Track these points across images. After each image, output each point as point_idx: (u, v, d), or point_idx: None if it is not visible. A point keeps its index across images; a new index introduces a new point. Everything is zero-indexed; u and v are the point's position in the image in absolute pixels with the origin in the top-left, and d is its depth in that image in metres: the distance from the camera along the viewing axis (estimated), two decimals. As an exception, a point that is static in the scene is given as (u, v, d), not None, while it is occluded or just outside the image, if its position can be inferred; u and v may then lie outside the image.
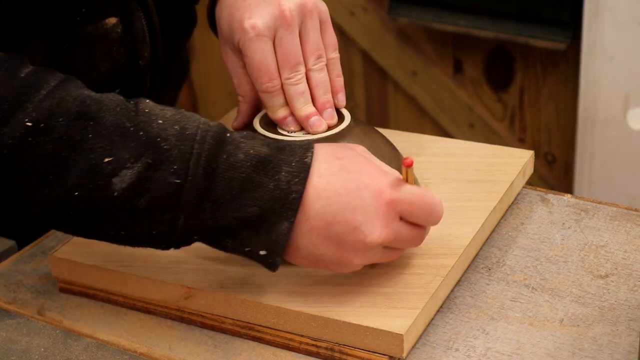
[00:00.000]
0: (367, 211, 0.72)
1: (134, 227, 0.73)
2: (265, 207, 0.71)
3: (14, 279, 0.88)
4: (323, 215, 0.72)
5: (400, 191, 0.73)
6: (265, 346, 0.78)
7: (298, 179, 0.71)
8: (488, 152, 0.96)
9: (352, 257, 0.74)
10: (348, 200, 0.72)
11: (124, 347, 0.79)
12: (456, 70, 1.98)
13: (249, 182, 0.71)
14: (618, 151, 1.73)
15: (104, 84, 0.91)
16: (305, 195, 0.71)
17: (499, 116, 1.98)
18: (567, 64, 1.83)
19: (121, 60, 0.93)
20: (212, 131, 0.72)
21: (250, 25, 0.83)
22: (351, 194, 0.72)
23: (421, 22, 1.92)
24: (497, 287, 0.83)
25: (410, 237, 0.75)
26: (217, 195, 0.71)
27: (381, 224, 0.72)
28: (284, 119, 0.85)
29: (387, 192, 0.73)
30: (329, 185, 0.72)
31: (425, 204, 0.74)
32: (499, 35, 1.84)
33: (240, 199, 0.71)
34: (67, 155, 0.71)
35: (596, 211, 0.92)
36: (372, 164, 0.75)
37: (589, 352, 0.75)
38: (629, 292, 0.81)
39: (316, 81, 0.85)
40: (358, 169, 0.73)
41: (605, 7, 1.62)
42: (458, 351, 0.76)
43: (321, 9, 0.86)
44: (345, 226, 0.72)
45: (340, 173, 0.73)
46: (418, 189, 0.75)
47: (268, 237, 0.72)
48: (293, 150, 0.73)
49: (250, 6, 0.84)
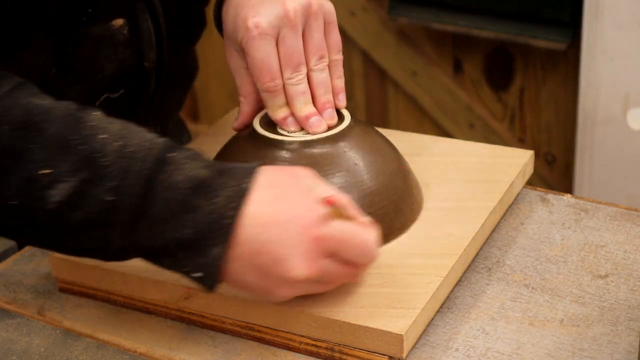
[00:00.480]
0: (292, 245, 0.70)
1: (69, 241, 0.73)
2: (201, 230, 0.70)
3: (14, 279, 0.88)
4: (252, 244, 0.70)
5: (327, 227, 0.71)
6: (265, 346, 0.78)
7: (234, 204, 0.70)
8: (488, 152, 0.96)
9: (277, 289, 0.72)
10: (275, 232, 0.70)
11: (124, 347, 0.79)
12: (456, 70, 1.98)
13: (185, 204, 0.70)
14: (618, 151, 1.73)
15: (108, 84, 0.92)
16: (238, 221, 0.70)
17: (499, 116, 1.98)
18: (567, 64, 1.83)
19: (126, 62, 0.92)
20: (155, 149, 0.71)
21: (253, 23, 0.83)
22: (279, 226, 0.70)
23: (421, 22, 1.92)
24: (497, 287, 0.83)
25: (341, 274, 0.73)
26: (153, 215, 0.70)
27: (305, 260, 0.70)
28: (284, 119, 0.85)
29: (314, 228, 0.70)
30: (261, 214, 0.70)
31: (355, 243, 0.71)
32: (499, 35, 1.84)
33: (177, 221, 0.70)
34: (8, 164, 0.71)
35: (596, 211, 0.92)
36: (309, 196, 0.72)
37: (589, 352, 0.75)
38: (629, 292, 0.81)
39: (317, 81, 0.85)
40: (292, 200, 0.71)
41: (605, 7, 1.62)
42: (458, 351, 0.76)
43: (327, 10, 0.85)
44: (271, 258, 0.70)
45: (273, 203, 0.71)
46: (349, 227, 0.71)
47: (203, 260, 0.71)
48: (235, 174, 0.71)
49: (255, 5, 0.84)
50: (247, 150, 0.85)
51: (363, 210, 0.82)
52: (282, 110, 0.85)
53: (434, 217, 0.86)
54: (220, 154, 0.88)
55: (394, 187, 0.84)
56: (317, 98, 0.86)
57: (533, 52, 1.85)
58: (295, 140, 0.84)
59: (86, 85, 0.90)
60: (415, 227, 0.85)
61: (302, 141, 0.83)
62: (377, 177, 0.84)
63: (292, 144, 0.83)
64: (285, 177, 0.74)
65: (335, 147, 0.84)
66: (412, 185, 0.87)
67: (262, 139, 0.84)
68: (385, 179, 0.84)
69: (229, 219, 0.70)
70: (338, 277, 0.73)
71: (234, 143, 0.88)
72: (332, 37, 0.86)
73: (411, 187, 0.87)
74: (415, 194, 0.87)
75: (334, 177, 0.82)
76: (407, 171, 0.88)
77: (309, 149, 0.83)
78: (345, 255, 0.72)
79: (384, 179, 0.84)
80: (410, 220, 0.85)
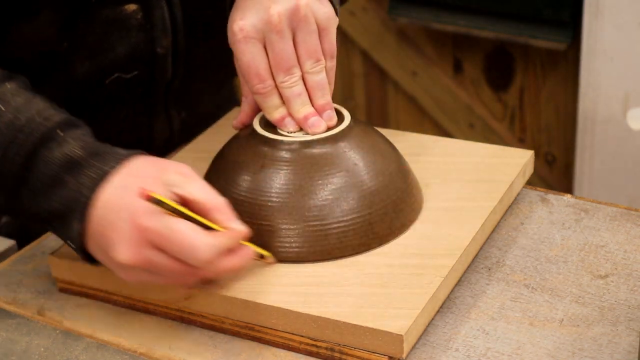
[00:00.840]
0: (120, 231, 0.74)
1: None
2: (65, 204, 0.77)
3: (14, 279, 0.88)
4: (98, 225, 0.76)
5: (153, 220, 0.73)
6: (265, 346, 0.78)
7: (93, 184, 0.76)
8: (488, 152, 0.96)
9: (117, 271, 0.77)
10: (113, 217, 0.75)
11: (124, 347, 0.79)
12: (456, 70, 1.98)
13: (57, 179, 0.77)
14: (618, 151, 1.73)
15: (119, 65, 0.96)
16: (93, 202, 0.75)
17: (499, 116, 1.98)
18: (567, 64, 1.83)
19: (139, 46, 0.96)
20: (44, 126, 0.78)
21: (238, 27, 0.83)
22: (115, 212, 0.75)
23: (421, 22, 1.92)
24: (497, 287, 0.83)
25: (175, 269, 0.74)
26: (32, 186, 0.78)
27: (129, 247, 0.74)
28: (281, 120, 0.85)
29: (140, 218, 0.73)
30: (110, 198, 0.75)
31: (176, 240, 0.72)
32: (499, 35, 1.84)
33: (48, 193, 0.77)
34: None
35: (596, 211, 0.92)
36: (156, 188, 0.74)
37: (589, 352, 0.75)
38: (629, 292, 0.81)
39: (313, 84, 0.84)
40: (138, 189, 0.74)
41: (605, 7, 1.62)
42: (458, 351, 0.76)
43: (320, 15, 0.84)
44: (106, 240, 0.75)
45: (122, 190, 0.75)
46: (176, 224, 0.73)
47: (69, 233, 0.77)
48: (106, 158, 0.77)
49: (244, 8, 0.84)
50: (247, 150, 0.85)
51: (363, 210, 0.82)
52: (278, 111, 0.85)
53: (434, 217, 0.86)
54: (221, 154, 0.89)
55: (394, 187, 0.84)
56: (314, 101, 0.85)
57: (533, 52, 1.85)
58: (295, 141, 0.84)
59: (97, 63, 0.95)
60: (415, 227, 0.85)
61: (302, 141, 0.83)
62: (377, 177, 0.84)
63: (292, 144, 0.83)
64: (151, 169, 0.77)
65: (335, 147, 0.84)
66: (412, 185, 0.87)
67: (261, 139, 0.84)
68: (385, 179, 0.84)
69: (86, 198, 0.76)
70: (171, 271, 0.74)
71: (234, 143, 0.88)
72: (324, 43, 0.85)
73: (411, 187, 0.87)
74: (415, 194, 0.87)
75: (334, 177, 0.82)
76: (407, 171, 0.88)
77: (308, 149, 0.83)
78: (169, 251, 0.74)
79: (384, 179, 0.84)
80: (410, 220, 0.85)
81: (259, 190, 0.82)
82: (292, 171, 0.82)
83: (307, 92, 0.85)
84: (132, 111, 1.03)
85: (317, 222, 0.81)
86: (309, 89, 0.85)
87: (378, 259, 0.81)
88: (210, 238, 0.73)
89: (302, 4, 0.82)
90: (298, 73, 0.84)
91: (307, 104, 0.85)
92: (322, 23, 0.84)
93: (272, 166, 0.83)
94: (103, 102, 0.99)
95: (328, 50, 0.85)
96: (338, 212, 0.81)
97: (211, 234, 0.74)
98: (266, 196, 0.82)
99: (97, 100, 0.99)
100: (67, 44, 0.92)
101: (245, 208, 0.82)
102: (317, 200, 0.81)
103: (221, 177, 0.85)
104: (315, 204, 0.81)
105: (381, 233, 0.83)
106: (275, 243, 0.81)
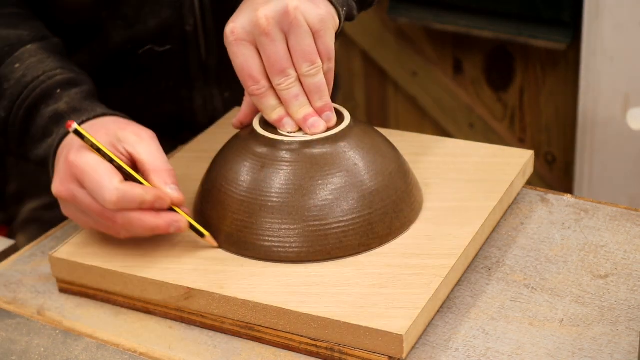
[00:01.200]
0: (58, 165, 0.84)
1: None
2: (47, 151, 0.88)
3: (14, 279, 0.88)
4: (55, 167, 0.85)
5: (78, 155, 0.80)
6: (265, 346, 0.78)
7: (65, 134, 0.86)
8: (488, 152, 0.96)
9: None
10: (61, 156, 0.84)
11: (124, 347, 0.79)
12: (456, 70, 1.98)
13: (47, 130, 0.88)
14: (618, 151, 1.73)
15: (152, 38, 1.05)
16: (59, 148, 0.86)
17: (499, 116, 1.98)
18: (567, 64, 1.83)
19: (169, 21, 1.04)
20: (46, 84, 0.89)
21: (230, 29, 0.83)
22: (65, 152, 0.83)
23: (421, 22, 1.92)
24: (497, 287, 0.83)
25: (89, 206, 0.80)
26: (32, 134, 0.89)
27: (59, 180, 0.82)
28: (279, 120, 0.85)
29: (70, 153, 0.81)
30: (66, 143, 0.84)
31: (90, 177, 0.79)
32: (499, 35, 1.84)
33: (41, 142, 0.88)
34: None
35: (596, 211, 0.92)
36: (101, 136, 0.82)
37: (589, 352, 0.75)
38: (629, 292, 0.81)
39: (310, 87, 0.84)
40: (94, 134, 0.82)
41: (605, 7, 1.62)
42: (458, 351, 0.76)
43: (311, 18, 0.82)
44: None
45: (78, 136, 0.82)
46: (96, 163, 0.79)
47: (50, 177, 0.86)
48: (83, 113, 0.87)
49: (238, 10, 0.84)
50: (247, 150, 0.85)
51: (363, 210, 0.82)
52: (276, 112, 0.85)
53: (434, 217, 0.86)
54: (221, 153, 0.89)
55: (394, 187, 0.85)
56: (312, 104, 0.84)
57: (533, 52, 1.85)
58: (295, 141, 0.84)
59: (131, 34, 1.04)
60: (415, 227, 0.85)
61: (302, 141, 0.83)
62: (377, 177, 0.84)
63: (292, 144, 0.83)
64: (113, 125, 0.85)
65: (335, 147, 0.84)
66: (412, 185, 0.87)
67: (261, 139, 0.84)
68: (385, 179, 0.84)
69: (56, 145, 0.86)
70: (91, 210, 0.80)
71: (234, 142, 0.88)
72: (319, 45, 0.83)
73: (411, 187, 0.87)
74: (415, 194, 0.87)
75: (334, 177, 0.82)
76: (407, 171, 0.88)
77: (308, 149, 0.83)
78: (86, 187, 0.80)
79: (384, 179, 0.84)
80: (410, 220, 0.86)
81: (259, 190, 0.82)
82: (292, 171, 0.82)
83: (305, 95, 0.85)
84: (172, 83, 1.09)
85: (317, 222, 0.81)
86: (307, 92, 0.84)
87: (378, 259, 0.81)
88: (120, 183, 0.79)
89: (292, 6, 0.81)
90: (293, 75, 0.83)
91: (305, 105, 0.84)
92: (315, 25, 0.82)
93: (272, 166, 0.83)
94: (138, 71, 1.08)
95: (324, 52, 0.84)
96: (338, 212, 0.81)
97: (126, 182, 0.79)
98: (266, 196, 0.82)
99: (131, 69, 1.07)
100: (106, 14, 1.02)
101: (245, 208, 0.82)
102: (317, 200, 0.81)
103: (221, 177, 0.85)
104: (315, 204, 0.81)
105: (381, 233, 0.83)
106: (275, 243, 0.81)
